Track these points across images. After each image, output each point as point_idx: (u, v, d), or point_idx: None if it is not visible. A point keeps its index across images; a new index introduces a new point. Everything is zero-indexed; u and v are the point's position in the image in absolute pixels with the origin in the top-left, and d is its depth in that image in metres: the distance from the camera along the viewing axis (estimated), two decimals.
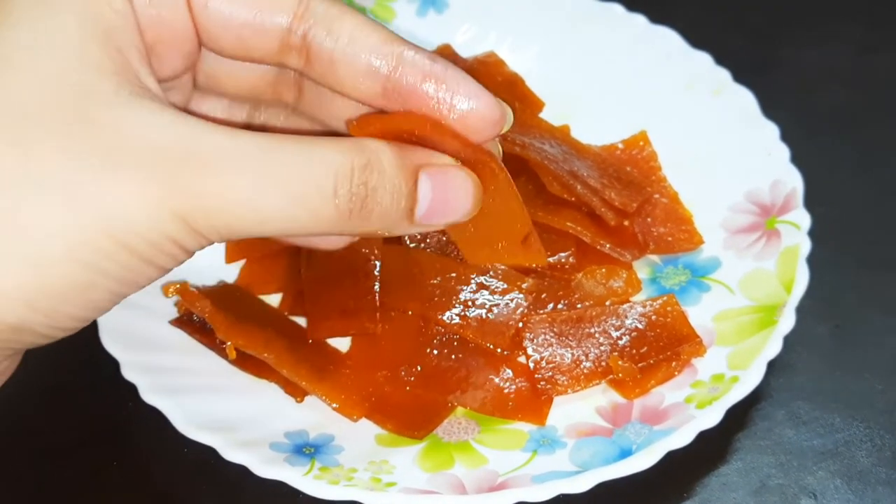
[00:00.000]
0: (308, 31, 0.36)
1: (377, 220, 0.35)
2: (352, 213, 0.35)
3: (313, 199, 0.34)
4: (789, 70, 0.64)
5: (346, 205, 0.34)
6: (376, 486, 0.44)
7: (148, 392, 0.45)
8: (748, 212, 0.53)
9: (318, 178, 0.34)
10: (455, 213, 0.37)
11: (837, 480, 0.47)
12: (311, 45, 0.37)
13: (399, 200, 0.36)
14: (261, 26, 0.37)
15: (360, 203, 0.35)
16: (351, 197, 0.34)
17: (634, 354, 0.48)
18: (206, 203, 0.33)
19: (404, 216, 0.36)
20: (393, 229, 0.37)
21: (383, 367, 0.49)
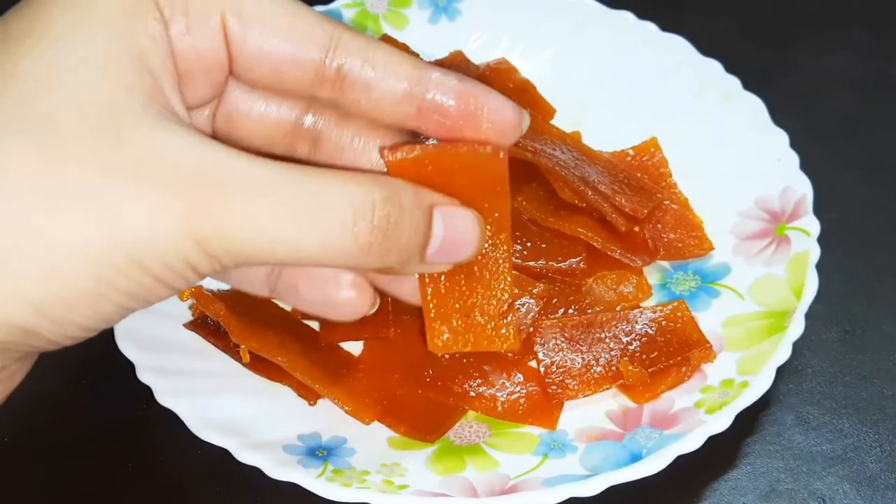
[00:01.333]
0: (343, 63, 0.37)
1: (395, 255, 0.36)
2: (371, 246, 0.35)
3: (331, 231, 0.34)
4: (799, 77, 0.64)
5: (366, 237, 0.35)
6: (388, 488, 0.44)
7: (163, 394, 0.46)
8: (758, 218, 0.53)
9: (338, 209, 0.34)
10: (461, 252, 0.38)
11: (846, 485, 0.47)
12: (347, 75, 0.38)
13: (418, 236, 0.36)
14: (297, 59, 0.37)
15: (383, 236, 0.35)
16: (373, 230, 0.35)
17: (644, 359, 0.49)
18: (224, 228, 0.33)
19: (418, 253, 0.37)
20: (404, 267, 0.37)
21: (395, 370, 0.49)
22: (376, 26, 0.62)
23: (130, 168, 0.33)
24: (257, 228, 0.34)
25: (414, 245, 0.36)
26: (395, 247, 0.36)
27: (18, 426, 0.49)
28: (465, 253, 0.38)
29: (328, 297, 0.39)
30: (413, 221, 0.36)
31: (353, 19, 0.62)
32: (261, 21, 0.37)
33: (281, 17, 0.37)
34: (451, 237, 0.37)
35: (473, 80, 0.38)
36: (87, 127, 0.33)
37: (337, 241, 0.34)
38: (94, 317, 0.34)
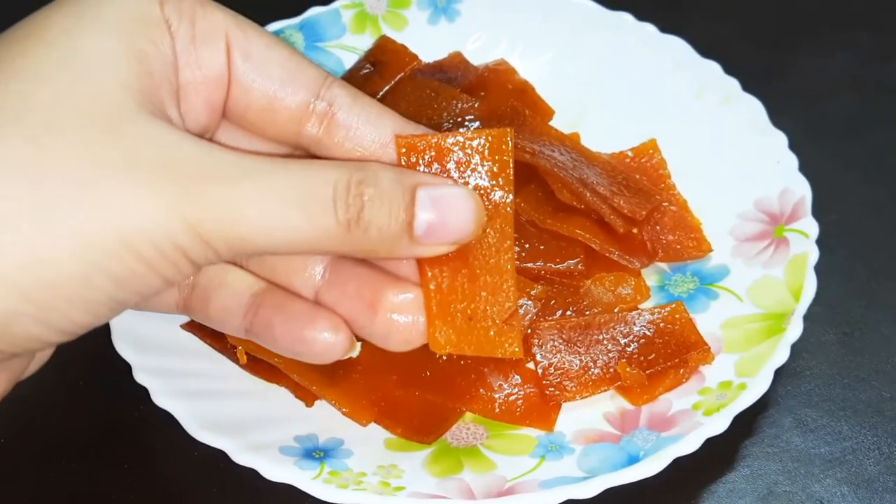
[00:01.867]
0: (333, 103, 0.39)
1: (376, 234, 0.36)
2: (350, 224, 0.36)
3: (314, 208, 0.35)
4: (798, 79, 0.64)
5: (344, 215, 0.35)
6: (385, 490, 0.44)
7: (159, 395, 0.46)
8: (757, 220, 0.53)
9: (318, 188, 0.35)
10: (456, 231, 0.37)
11: (844, 488, 0.47)
12: (335, 116, 0.39)
13: (396, 214, 0.36)
14: (294, 83, 0.39)
15: (357, 214, 0.36)
16: (349, 207, 0.35)
17: (642, 361, 0.49)
18: (216, 211, 0.34)
19: (403, 232, 0.37)
20: (394, 248, 0.37)
21: (393, 372, 0.49)
22: (375, 27, 0.62)
23: (123, 156, 0.33)
24: (250, 211, 0.34)
25: (394, 223, 0.36)
26: (375, 225, 0.36)
27: (15, 427, 0.49)
28: (461, 232, 0.38)
29: (304, 336, 0.39)
30: (391, 199, 0.36)
31: (352, 20, 0.62)
32: (262, 45, 0.39)
33: (281, 47, 0.39)
34: (440, 215, 0.37)
35: None
36: (82, 117, 0.34)
37: (321, 220, 0.35)
38: (81, 305, 0.34)
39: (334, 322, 0.39)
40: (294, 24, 0.61)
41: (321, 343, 0.39)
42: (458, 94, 0.58)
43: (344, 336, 0.39)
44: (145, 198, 0.33)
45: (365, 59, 0.60)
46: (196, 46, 0.38)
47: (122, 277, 0.34)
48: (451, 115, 0.57)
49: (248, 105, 0.39)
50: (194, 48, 0.38)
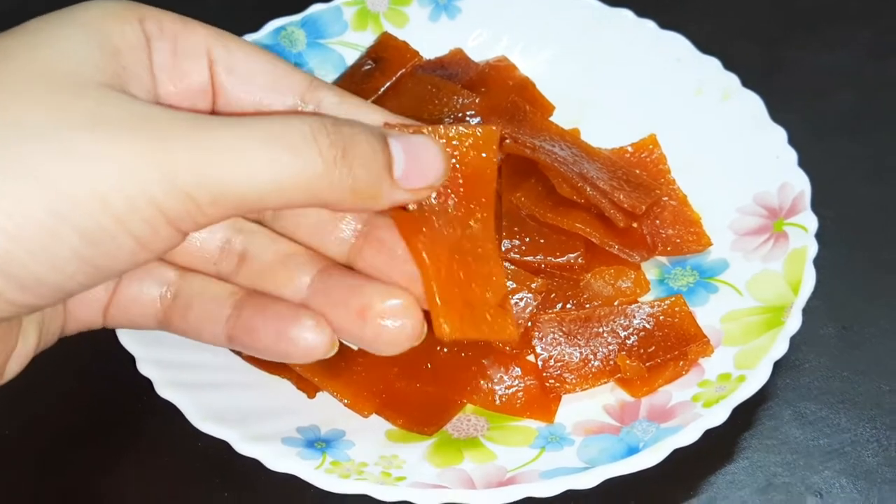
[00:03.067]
0: (319, 105, 0.40)
1: (360, 168, 0.36)
2: (336, 160, 0.35)
3: (296, 142, 0.35)
4: (797, 74, 0.64)
5: (328, 151, 0.35)
6: (386, 480, 0.44)
7: (163, 386, 0.46)
8: (756, 214, 0.54)
9: (297, 126, 0.35)
10: (429, 172, 0.38)
11: (843, 479, 0.47)
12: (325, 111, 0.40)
13: (376, 150, 0.37)
14: (276, 97, 0.40)
15: (342, 149, 0.36)
16: (332, 144, 0.35)
17: (642, 354, 0.49)
18: (193, 156, 0.33)
19: (385, 171, 0.37)
20: (378, 191, 0.37)
21: (394, 363, 0.49)
22: (377, 24, 0.62)
23: (91, 113, 0.33)
24: (231, 152, 0.34)
25: (377, 161, 0.37)
26: (360, 159, 0.36)
27: (18, 418, 0.49)
28: (434, 172, 0.38)
29: (288, 334, 0.40)
30: (366, 135, 0.37)
31: (353, 17, 0.62)
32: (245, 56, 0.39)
33: (263, 56, 0.40)
34: (412, 157, 0.38)
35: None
36: (49, 84, 0.34)
37: (306, 155, 0.35)
38: (44, 259, 0.33)
39: (318, 320, 0.40)
40: (296, 21, 0.61)
41: (305, 341, 0.40)
42: (458, 90, 0.58)
43: (328, 335, 0.40)
44: (116, 148, 0.32)
45: (366, 55, 0.61)
46: (178, 60, 0.38)
47: (90, 232, 0.33)
48: (451, 111, 0.57)
49: (241, 106, 0.40)
50: (176, 62, 0.38)
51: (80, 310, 0.42)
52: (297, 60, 0.60)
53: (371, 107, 0.41)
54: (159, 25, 0.38)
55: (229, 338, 0.41)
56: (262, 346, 0.41)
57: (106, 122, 0.33)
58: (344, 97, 0.41)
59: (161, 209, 0.33)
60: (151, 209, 0.33)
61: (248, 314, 0.41)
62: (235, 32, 0.41)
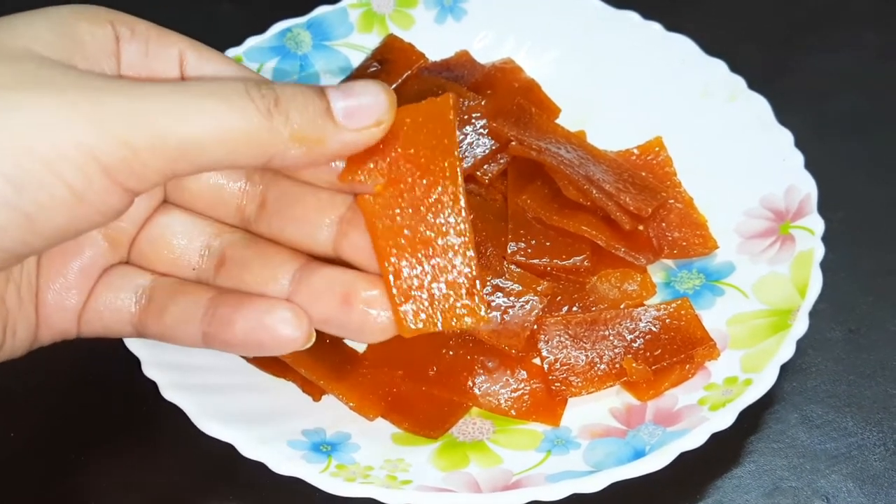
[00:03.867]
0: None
1: (298, 117, 0.37)
2: (269, 111, 0.36)
3: (232, 96, 0.36)
4: (803, 76, 0.64)
5: (261, 101, 0.36)
6: (392, 483, 0.44)
7: (168, 389, 0.46)
8: (762, 217, 0.54)
9: (230, 82, 0.37)
10: (374, 108, 0.38)
11: (850, 483, 0.47)
12: None
13: (311, 99, 0.38)
14: None
15: (274, 100, 0.37)
16: (263, 95, 0.36)
17: (648, 357, 0.49)
18: (133, 111, 0.34)
19: (324, 114, 0.38)
20: (324, 135, 0.38)
21: (399, 367, 0.49)
22: (382, 26, 0.62)
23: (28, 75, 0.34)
24: (169, 106, 0.35)
25: (313, 105, 0.37)
26: (294, 106, 0.37)
27: (23, 421, 0.49)
28: (379, 108, 0.38)
29: (265, 324, 0.40)
30: (302, 88, 0.38)
31: (359, 19, 0.62)
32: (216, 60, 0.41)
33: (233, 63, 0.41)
34: (353, 99, 0.38)
35: None
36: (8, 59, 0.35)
37: (240, 105, 0.36)
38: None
39: (294, 310, 0.40)
40: (301, 23, 0.61)
41: (282, 331, 0.40)
42: (464, 91, 0.58)
43: (305, 324, 0.40)
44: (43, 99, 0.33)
45: (372, 57, 0.60)
46: (149, 61, 0.39)
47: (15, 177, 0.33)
48: (457, 114, 0.57)
49: None
50: (147, 62, 0.39)
51: (53, 316, 0.42)
52: (302, 62, 0.60)
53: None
54: (131, 29, 0.39)
55: (205, 335, 0.41)
56: (239, 338, 0.41)
57: (37, 82, 0.34)
58: None
59: (93, 155, 0.34)
60: (82, 154, 0.33)
61: (224, 310, 0.41)
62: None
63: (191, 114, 0.35)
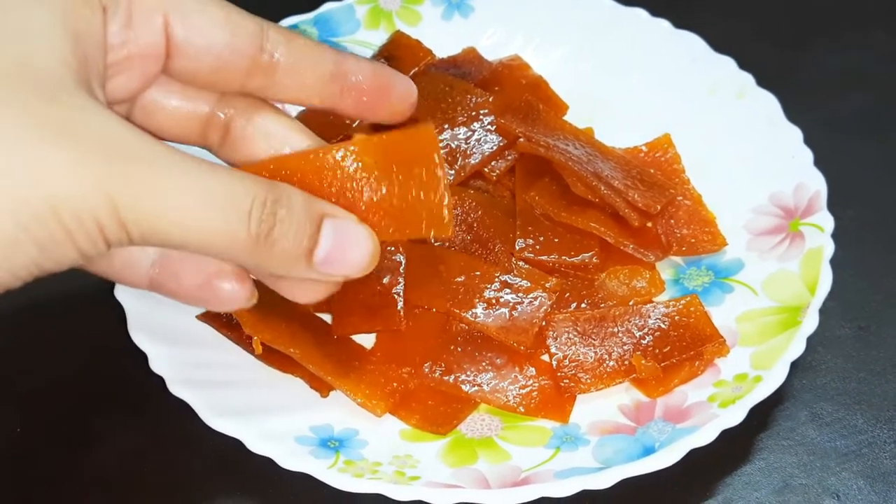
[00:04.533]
0: (275, 50, 0.41)
1: (279, 252, 0.37)
2: (259, 238, 0.37)
3: (232, 215, 0.36)
4: (813, 74, 0.64)
5: (255, 229, 0.37)
6: (400, 479, 0.44)
7: (175, 384, 0.46)
8: (772, 214, 0.53)
9: (239, 198, 0.36)
10: (351, 265, 0.39)
11: (861, 481, 0.47)
12: (279, 61, 0.41)
13: (302, 238, 0.38)
14: (235, 48, 0.40)
15: (267, 230, 0.37)
16: (261, 223, 0.37)
17: (657, 354, 0.49)
18: (138, 195, 0.34)
19: (304, 256, 0.38)
20: (291, 268, 0.38)
21: (407, 363, 0.49)
22: (389, 23, 0.62)
23: (61, 124, 0.34)
24: (172, 204, 0.35)
25: (297, 246, 0.38)
26: (281, 244, 0.37)
27: (30, 416, 0.49)
28: (357, 266, 0.39)
29: (211, 283, 0.40)
30: (299, 223, 0.38)
31: (366, 15, 0.62)
32: (202, 16, 0.40)
33: (218, 11, 0.40)
34: (340, 247, 0.39)
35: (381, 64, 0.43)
36: (24, 84, 0.34)
37: (235, 229, 0.36)
38: (5, 265, 0.34)
39: (239, 271, 0.40)
40: (308, 19, 0.61)
41: (226, 290, 0.40)
42: (472, 88, 0.58)
43: (248, 284, 0.41)
44: (74, 166, 0.34)
45: (379, 54, 0.60)
46: (133, 27, 0.39)
47: (44, 242, 0.34)
48: (464, 110, 0.57)
49: (195, 69, 0.40)
50: (131, 28, 0.39)
51: None
52: None
53: (320, 48, 0.42)
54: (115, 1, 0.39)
55: (152, 282, 0.42)
56: (185, 293, 0.41)
57: (73, 136, 0.34)
58: (292, 37, 0.41)
59: (102, 230, 0.35)
60: (95, 229, 0.35)
61: (170, 263, 0.41)
62: None
63: (189, 222, 0.35)
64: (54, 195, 0.33)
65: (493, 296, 0.50)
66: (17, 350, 0.51)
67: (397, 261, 0.50)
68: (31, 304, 0.51)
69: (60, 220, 0.34)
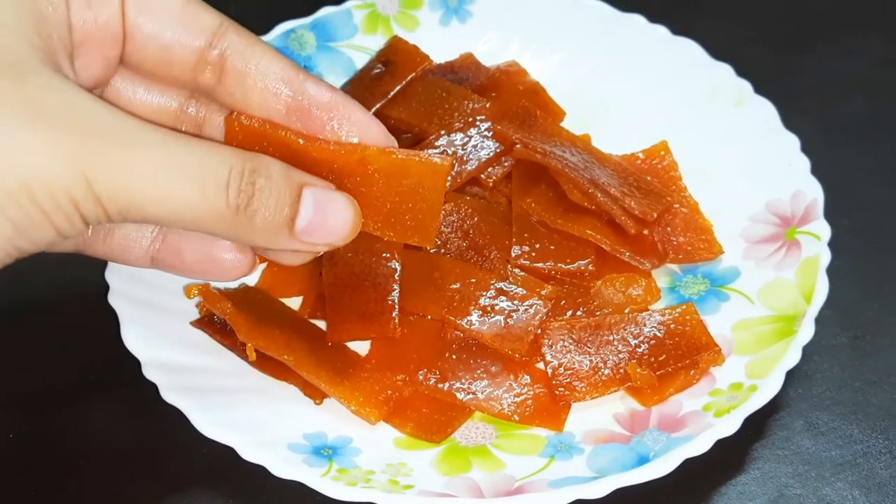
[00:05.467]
0: (225, 50, 0.41)
1: (260, 222, 0.37)
2: (238, 209, 0.37)
3: (209, 185, 0.36)
4: (810, 81, 0.64)
5: (234, 200, 0.36)
6: (394, 488, 0.44)
7: (168, 391, 0.46)
8: (768, 222, 0.53)
9: (215, 168, 0.36)
10: (334, 232, 0.39)
11: (856, 492, 0.47)
12: (227, 62, 0.41)
13: (282, 207, 0.38)
14: (183, 41, 0.40)
15: (247, 200, 0.37)
16: (240, 193, 0.37)
17: (653, 362, 0.48)
18: (112, 169, 0.34)
19: (285, 225, 0.38)
20: (273, 239, 0.38)
21: (402, 370, 0.49)
22: (387, 27, 0.62)
23: (32, 105, 0.34)
24: (146, 177, 0.35)
25: (279, 215, 0.38)
26: (261, 214, 0.37)
27: (23, 422, 0.49)
28: (339, 233, 0.39)
29: (213, 255, 0.41)
30: (279, 192, 0.38)
31: (364, 20, 0.62)
32: (157, 2, 0.40)
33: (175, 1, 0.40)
34: (321, 214, 0.39)
35: (349, 98, 0.41)
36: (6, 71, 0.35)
37: (213, 199, 0.36)
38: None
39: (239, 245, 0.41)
40: (305, 24, 0.61)
41: (229, 261, 0.41)
42: (469, 94, 0.58)
43: (249, 254, 0.41)
44: (47, 145, 0.34)
45: (376, 59, 0.60)
46: (92, 7, 0.39)
47: (18, 221, 0.34)
48: (461, 116, 0.57)
49: (145, 55, 0.41)
50: (90, 9, 0.39)
51: None
52: (306, 63, 0.60)
53: (274, 55, 0.41)
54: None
55: (153, 259, 0.42)
56: (187, 267, 0.42)
57: (42, 116, 0.34)
58: (250, 42, 0.41)
59: (78, 207, 0.35)
60: (71, 207, 0.35)
61: (172, 238, 0.42)
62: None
63: (166, 196, 0.35)
64: (27, 175, 0.33)
65: (488, 303, 0.50)
66: (10, 355, 0.51)
67: (392, 268, 0.50)
68: (24, 309, 0.51)
69: (35, 200, 0.34)
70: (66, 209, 0.34)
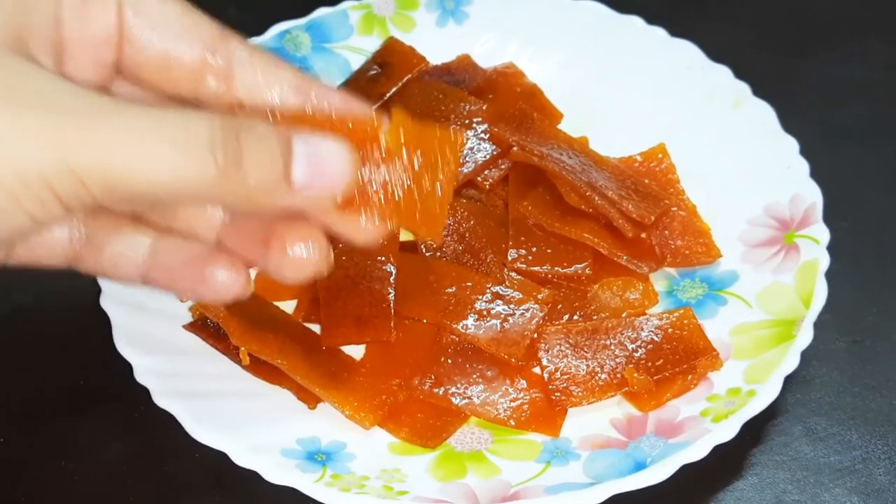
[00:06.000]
0: (230, 58, 0.40)
1: (255, 181, 0.36)
2: (228, 170, 0.35)
3: (192, 147, 0.35)
4: (809, 84, 0.64)
5: (222, 159, 0.35)
6: (388, 494, 0.43)
7: (161, 396, 0.45)
8: (767, 226, 0.53)
9: (196, 129, 0.35)
10: (333, 177, 0.37)
11: (854, 497, 0.46)
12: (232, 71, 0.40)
13: (275, 161, 0.36)
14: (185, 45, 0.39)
15: (236, 159, 0.35)
16: (227, 152, 0.35)
17: (650, 367, 0.48)
18: (89, 143, 0.33)
19: (281, 178, 0.36)
20: (273, 196, 0.37)
21: (397, 375, 0.48)
22: (383, 28, 0.61)
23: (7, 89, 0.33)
24: (128, 145, 0.34)
25: (272, 169, 0.36)
26: (255, 172, 0.36)
27: (15, 427, 0.49)
28: (338, 178, 0.37)
29: (204, 274, 0.40)
30: (268, 145, 0.36)
31: (359, 21, 0.61)
32: (156, 7, 0.39)
33: (175, 6, 0.39)
34: (316, 162, 0.37)
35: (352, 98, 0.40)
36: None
37: (200, 161, 0.35)
38: None
39: (232, 261, 0.40)
40: (301, 25, 0.61)
41: (221, 281, 0.39)
42: (465, 96, 0.57)
43: (242, 274, 0.40)
44: (12, 127, 0.33)
45: (372, 60, 0.60)
46: (86, 5, 0.38)
47: None
48: (458, 118, 0.56)
49: (142, 62, 0.39)
50: (84, 6, 0.38)
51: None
52: (301, 64, 0.60)
53: (282, 65, 0.40)
54: None
55: (144, 278, 0.41)
56: (180, 287, 0.41)
57: (9, 98, 0.33)
58: (255, 52, 0.40)
59: (53, 190, 0.33)
60: (45, 190, 0.33)
61: (163, 257, 0.40)
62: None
63: (151, 168, 0.34)
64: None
65: (484, 307, 0.49)
66: (2, 360, 0.51)
67: (388, 271, 0.50)
68: (15, 314, 0.51)
69: (2, 184, 0.33)
70: (39, 192, 0.33)
